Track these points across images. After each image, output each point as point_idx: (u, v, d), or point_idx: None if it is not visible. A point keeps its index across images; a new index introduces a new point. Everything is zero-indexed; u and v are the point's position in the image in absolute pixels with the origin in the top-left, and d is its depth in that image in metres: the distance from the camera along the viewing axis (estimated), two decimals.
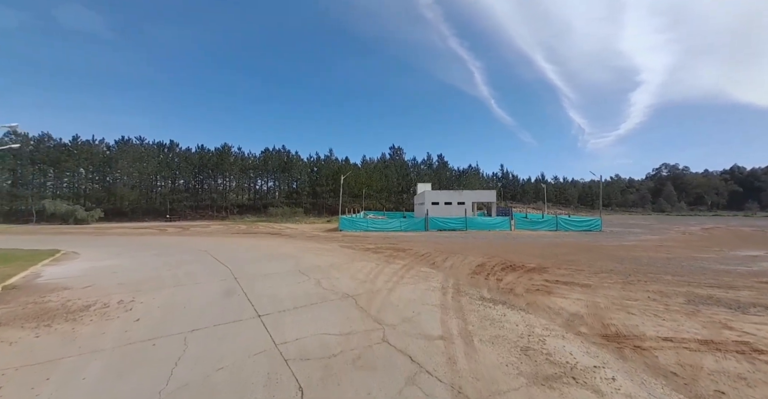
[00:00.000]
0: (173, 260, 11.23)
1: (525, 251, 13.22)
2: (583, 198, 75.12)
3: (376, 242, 17.31)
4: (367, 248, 14.37)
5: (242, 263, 10.47)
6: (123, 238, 21.92)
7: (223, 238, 21.07)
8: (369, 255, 12.20)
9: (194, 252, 13.39)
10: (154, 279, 8.20)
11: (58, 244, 17.47)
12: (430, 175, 63.75)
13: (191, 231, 28.78)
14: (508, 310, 5.40)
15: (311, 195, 61.57)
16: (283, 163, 59.37)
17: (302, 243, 17.12)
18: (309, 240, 19.15)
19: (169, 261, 11.06)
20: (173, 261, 11.08)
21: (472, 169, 71.39)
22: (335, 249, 14.16)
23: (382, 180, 59.08)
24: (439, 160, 73.26)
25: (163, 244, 16.88)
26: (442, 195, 31.03)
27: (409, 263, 10.20)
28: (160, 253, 13.34)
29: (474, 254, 12.18)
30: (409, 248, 14.24)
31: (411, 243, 16.72)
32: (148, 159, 50.71)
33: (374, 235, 22.03)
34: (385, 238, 20.20)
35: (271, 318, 5.10)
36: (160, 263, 10.63)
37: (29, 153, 43.54)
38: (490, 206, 32.33)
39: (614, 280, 7.77)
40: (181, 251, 13.83)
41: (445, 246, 15.15)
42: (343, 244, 16.03)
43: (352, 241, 18.27)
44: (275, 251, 13.43)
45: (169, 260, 11.22)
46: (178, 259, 11.61)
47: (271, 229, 31.00)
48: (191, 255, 12.56)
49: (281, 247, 15.18)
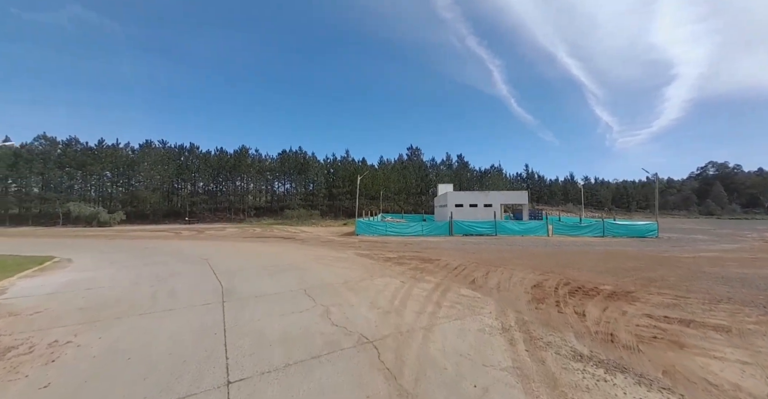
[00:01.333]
0: (165, 271, 9.71)
1: (582, 264, 10.73)
2: (617, 199, 69.41)
3: (398, 249, 15.27)
4: (387, 258, 12.36)
5: (240, 277, 8.74)
6: (133, 242, 21.11)
7: (233, 243, 19.74)
8: (391, 267, 10.17)
9: (194, 261, 11.91)
10: (126, 300, 6.57)
11: (65, 248, 16.72)
12: (450, 176, 60.96)
13: (205, 234, 27.95)
14: (641, 388, 3.19)
15: (327, 197, 60.44)
16: (299, 164, 58.65)
17: (315, 250, 15.36)
18: (323, 246, 17.40)
19: (160, 273, 9.53)
20: (165, 273, 9.55)
21: (494, 169, 67.76)
22: (351, 258, 12.24)
23: (400, 181, 57.00)
24: (459, 161, 70.25)
25: (167, 251, 15.63)
26: (466, 196, 28.54)
27: (443, 281, 8.08)
28: (157, 261, 11.95)
29: (520, 268, 9.87)
30: (437, 258, 12.09)
31: (437, 251, 14.54)
32: (169, 162, 51.34)
33: (394, 241, 19.99)
34: (406, 244, 18.12)
35: (245, 390, 3.18)
36: (147, 276, 9.11)
37: (57, 157, 45.01)
38: (520, 208, 29.48)
39: (754, 317, 5.32)
40: (182, 259, 12.40)
41: (479, 255, 12.87)
42: (360, 252, 14.10)
43: (369, 247, 16.33)
44: (283, 260, 11.69)
45: (160, 272, 9.70)
46: (171, 269, 10.09)
47: (285, 232, 29.69)
48: (189, 265, 11.04)
49: (291, 254, 13.46)
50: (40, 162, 43.26)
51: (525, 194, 27.32)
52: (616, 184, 74.07)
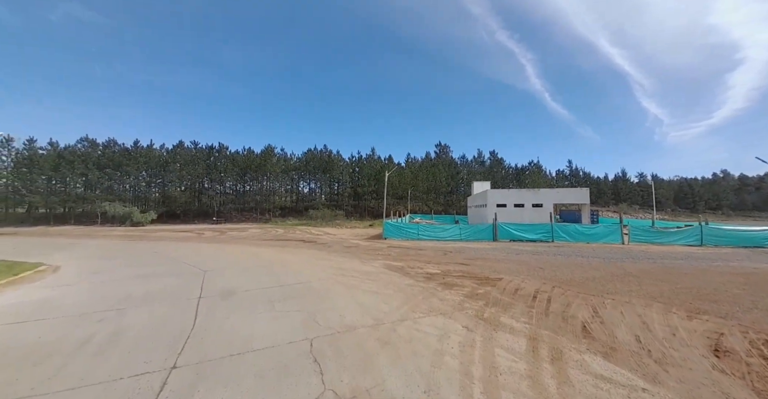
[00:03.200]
0: (142, 291, 7.47)
1: (740, 296, 7.02)
2: (679, 199, 60.41)
3: (437, 260, 12.20)
4: (428, 274, 9.35)
5: (229, 306, 6.20)
6: (148, 244, 19.87)
7: (249, 247, 17.71)
8: (437, 293, 7.18)
9: (190, 274, 9.72)
10: (38, 353, 4.18)
11: (71, 251, 15.51)
12: (483, 174, 56.32)
13: (226, 236, 26.59)
14: None
15: (352, 196, 58.39)
16: (324, 162, 57.10)
17: (337, 259, 12.72)
18: (346, 252, 14.76)
19: (134, 293, 7.30)
20: (140, 292, 7.32)
21: (532, 165, 61.66)
22: (381, 274, 9.39)
23: (428, 180, 53.42)
24: (492, 157, 65.14)
25: (172, 256, 13.76)
26: (510, 195, 24.66)
27: (536, 330, 4.94)
28: (148, 273, 9.90)
29: (639, 300, 6.44)
30: (497, 277, 8.89)
31: (489, 263, 11.29)
32: (198, 162, 51.89)
33: (429, 247, 16.91)
34: (446, 252, 14.97)
35: None
36: (116, 297, 6.89)
37: (96, 158, 46.85)
38: (574, 209, 25.04)
39: None
40: (177, 271, 10.28)
41: (553, 273, 9.46)
42: (392, 264, 11.22)
43: (401, 256, 13.42)
44: (297, 276, 9.11)
45: (136, 291, 7.47)
46: (152, 287, 7.86)
47: (307, 234, 27.62)
48: (179, 280, 8.81)
49: (308, 266, 10.89)
50: (82, 163, 45.19)
51: (585, 193, 22.88)
52: (678, 181, 64.62)
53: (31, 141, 46.89)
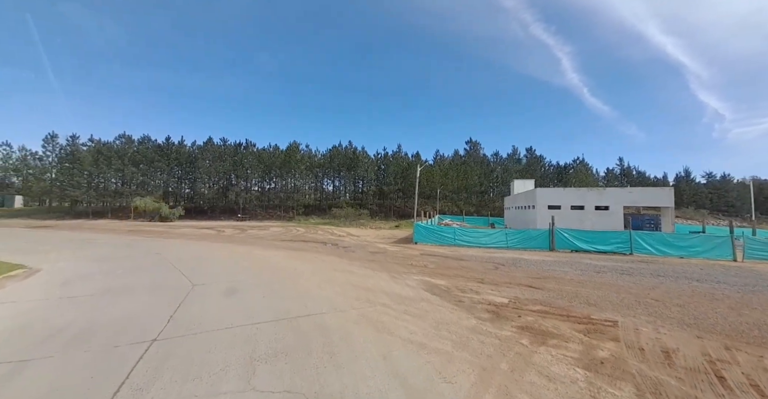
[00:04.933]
0: (95, 318, 5.29)
1: None
2: (761, 204, 51.07)
3: (492, 277, 9.18)
4: (491, 306, 6.41)
5: (180, 371, 3.73)
6: (162, 242, 18.59)
7: (262, 250, 15.71)
8: (528, 355, 4.25)
9: (175, 288, 7.60)
10: None
11: (72, 249, 14.27)
12: (520, 172, 51.42)
13: (245, 234, 25.13)
14: None
15: (377, 195, 55.98)
16: (348, 160, 55.13)
17: (360, 271, 10.11)
18: (371, 261, 12.13)
19: (76, 323, 5.12)
20: (85, 323, 5.12)
21: (577, 163, 55.27)
22: (421, 303, 6.60)
23: (459, 178, 49.54)
24: (529, 154, 59.65)
25: (173, 261, 11.90)
26: (566, 195, 20.76)
27: None
28: (128, 286, 7.92)
29: None
30: (602, 317, 5.79)
31: (566, 286, 8.13)
32: (226, 158, 52.01)
33: (471, 256, 13.84)
34: (495, 263, 11.87)
35: None
36: (51, 330, 4.71)
37: (131, 154, 48.26)
38: (654, 214, 20.58)
39: None
40: (164, 284, 8.22)
41: (687, 312, 6.15)
42: (432, 282, 8.40)
43: (442, 269, 10.53)
44: (304, 303, 6.59)
45: (85, 319, 5.32)
46: (114, 313, 5.71)
47: (329, 235, 25.45)
48: (155, 299, 6.65)
49: (322, 283, 8.37)
50: (118, 159, 46.70)
51: (668, 193, 18.35)
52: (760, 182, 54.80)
53: (74, 137, 49.42)
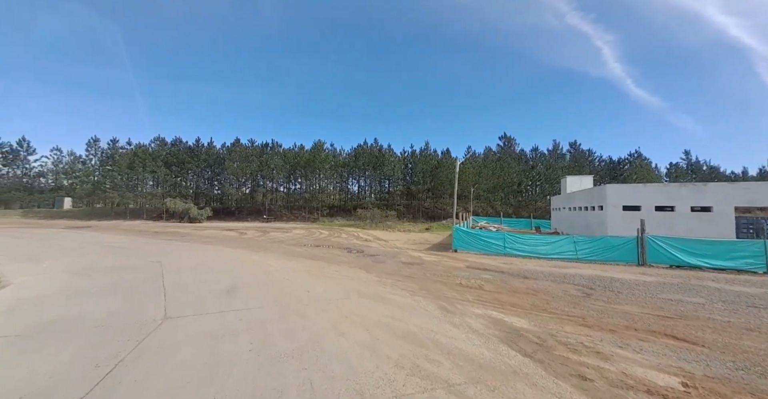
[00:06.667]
0: None
1: None
2: None
3: (599, 318, 5.99)
4: (656, 395, 3.33)
5: None
6: (175, 246, 17.16)
7: (274, 260, 13.53)
8: None
9: (137, 323, 5.30)
10: None
11: (79, 255, 12.95)
12: (566, 168, 45.98)
13: (266, 237, 23.46)
14: None
15: (405, 195, 53.10)
16: (374, 158, 52.77)
17: (394, 297, 7.37)
18: (407, 277, 9.36)
19: None
20: None
21: (634, 157, 48.24)
22: (511, 375, 3.68)
23: (495, 176, 45.19)
24: (573, 149, 53.61)
25: (173, 267, 9.93)
26: (648, 193, 16.60)
27: None
28: (79, 317, 5.78)
29: None
30: None
31: (735, 340, 4.76)
32: (252, 159, 51.86)
33: (535, 271, 10.56)
34: (577, 286, 8.58)
35: None
36: None
37: (164, 156, 49.47)
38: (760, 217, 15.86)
39: None
40: (123, 321, 6.02)
41: None
42: (504, 320, 5.46)
43: (507, 294, 7.48)
44: (314, 368, 3.98)
45: None
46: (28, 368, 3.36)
47: (354, 239, 23.04)
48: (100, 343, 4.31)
49: (340, 318, 5.74)
50: (152, 161, 48.02)
51: None
52: None
53: (114, 141, 51.80)
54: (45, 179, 59.07)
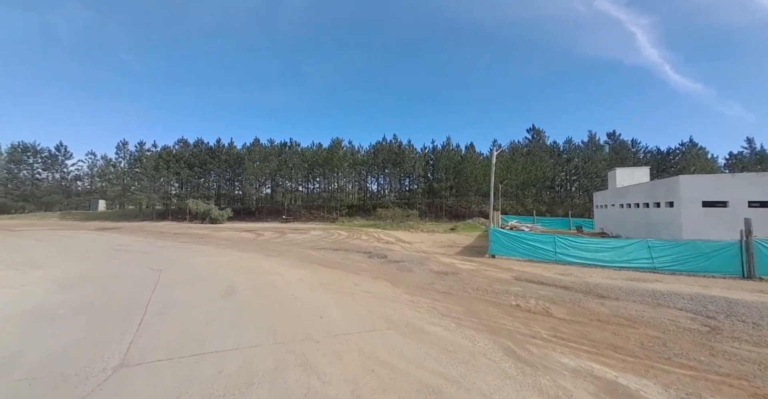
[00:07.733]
0: None
1: None
2: None
3: (761, 385, 3.68)
4: None
5: None
6: (183, 251, 16.13)
7: (286, 267, 11.95)
8: None
9: (83, 372, 3.65)
10: None
11: (82, 260, 11.99)
12: (606, 161, 41.61)
13: (282, 239, 22.21)
14: None
15: (426, 193, 50.70)
16: (394, 154, 50.71)
17: (435, 328, 5.39)
18: (445, 294, 7.33)
19: None
20: None
21: (686, 146, 42.62)
22: None
23: (525, 171, 41.70)
24: (611, 140, 48.77)
25: (168, 278, 8.52)
26: (737, 185, 13.49)
27: None
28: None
29: None
30: None
31: None
32: (271, 159, 51.49)
33: (604, 284, 8.18)
34: (681, 311, 6.16)
35: None
36: None
37: (187, 157, 50.13)
38: None
39: None
40: (66, 365, 4.43)
41: None
42: (617, 392, 3.31)
43: (592, 326, 5.25)
44: None
45: None
46: None
47: (375, 240, 21.25)
48: None
49: (365, 376, 3.85)
50: (176, 163, 48.80)
51: None
52: None
53: (141, 144, 53.30)
54: (81, 182, 62.18)
